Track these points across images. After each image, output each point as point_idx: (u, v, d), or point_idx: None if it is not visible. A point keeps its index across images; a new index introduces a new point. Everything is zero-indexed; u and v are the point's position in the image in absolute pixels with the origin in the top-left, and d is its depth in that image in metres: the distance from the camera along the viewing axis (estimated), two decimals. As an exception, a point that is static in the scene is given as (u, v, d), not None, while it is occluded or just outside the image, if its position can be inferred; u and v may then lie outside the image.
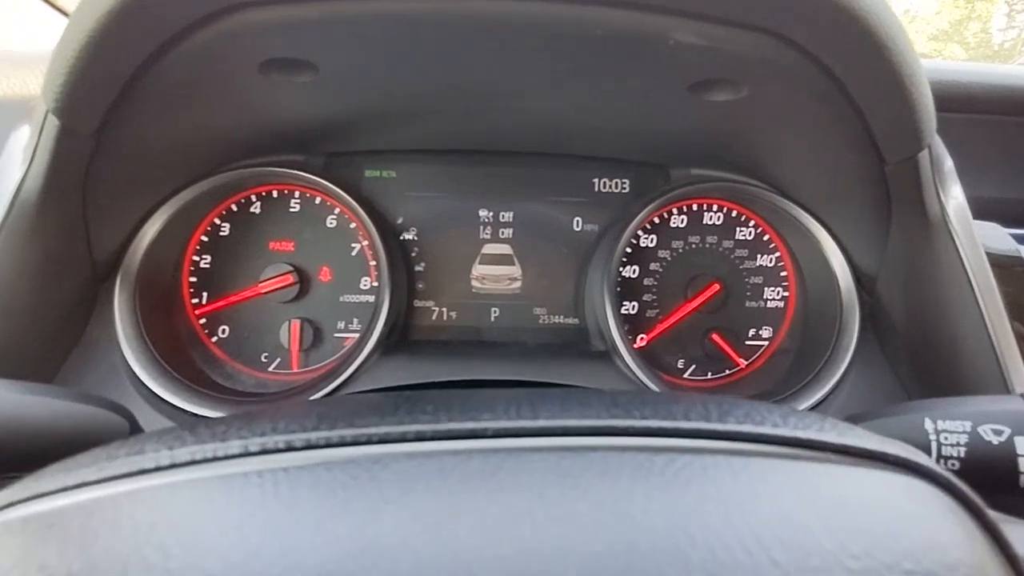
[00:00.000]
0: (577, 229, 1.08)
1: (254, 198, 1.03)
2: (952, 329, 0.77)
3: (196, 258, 1.01)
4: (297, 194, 1.03)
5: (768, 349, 1.08)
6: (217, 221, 1.02)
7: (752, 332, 1.08)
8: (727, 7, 0.56)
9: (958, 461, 0.56)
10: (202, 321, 1.01)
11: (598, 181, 1.08)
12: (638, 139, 0.98)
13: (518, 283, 1.08)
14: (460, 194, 1.07)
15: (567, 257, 1.08)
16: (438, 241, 1.07)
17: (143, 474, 0.29)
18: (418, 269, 1.07)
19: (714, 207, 1.08)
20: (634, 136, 0.97)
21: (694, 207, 1.08)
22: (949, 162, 0.75)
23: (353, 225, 1.04)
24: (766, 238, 1.08)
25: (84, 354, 0.85)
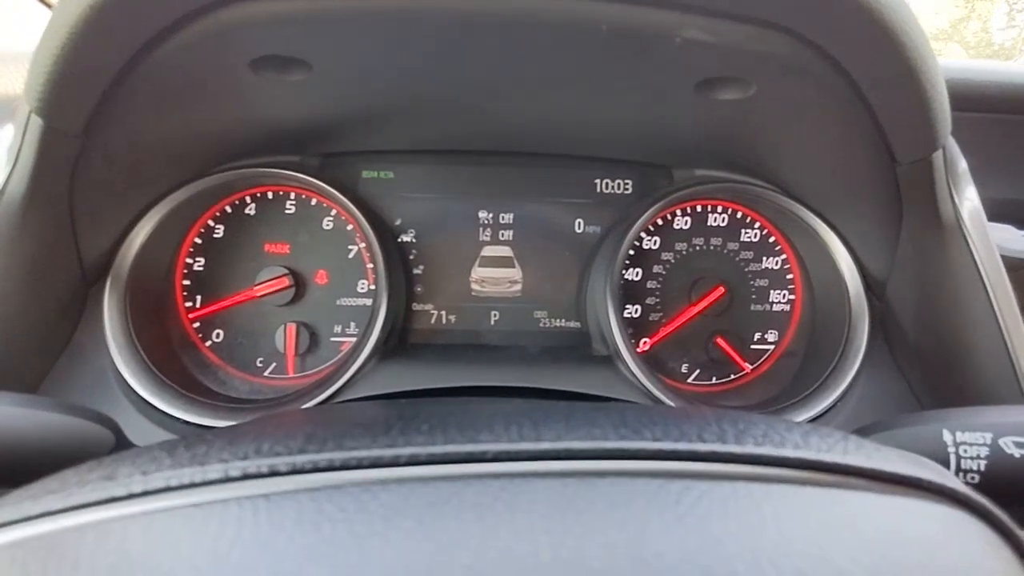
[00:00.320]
0: (579, 231, 1.06)
1: (249, 199, 1.00)
2: (966, 335, 0.75)
3: (189, 261, 0.99)
4: (293, 195, 1.01)
5: (774, 354, 1.06)
6: (211, 223, 0.99)
7: (757, 336, 1.06)
8: (740, 3, 0.54)
9: (978, 475, 0.54)
10: (195, 325, 0.99)
11: (600, 182, 1.06)
12: (642, 139, 0.96)
13: (518, 286, 1.06)
14: (459, 195, 1.05)
15: (568, 259, 1.06)
16: (437, 243, 1.05)
17: (113, 502, 0.27)
18: (416, 272, 1.05)
19: (719, 208, 1.05)
20: (638, 136, 0.95)
21: (698, 208, 1.05)
22: (963, 163, 0.73)
23: (350, 227, 1.01)
24: (772, 240, 1.05)
25: (72, 360, 0.83)
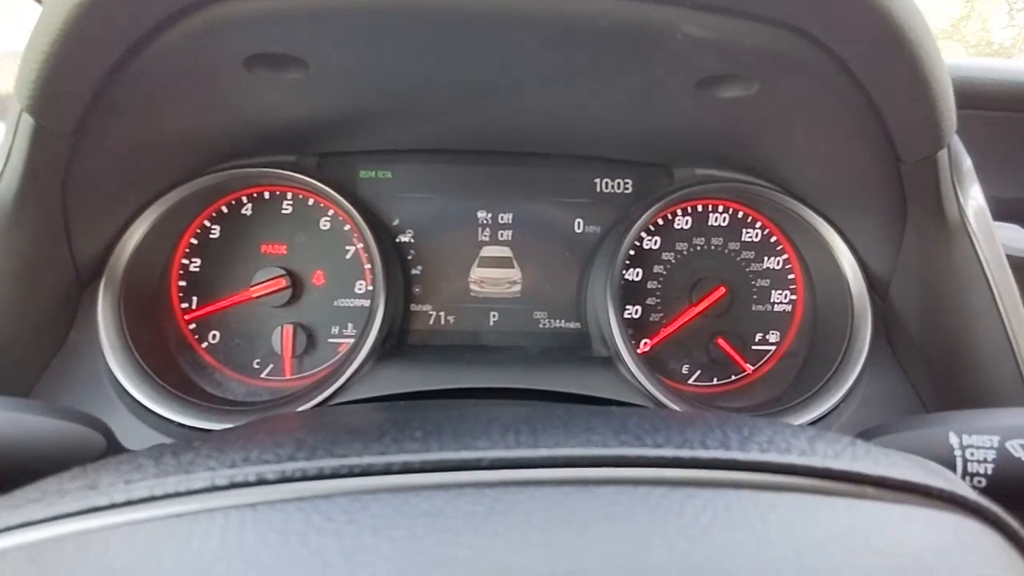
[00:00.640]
0: (578, 231, 1.05)
1: (245, 200, 0.99)
2: (970, 336, 0.74)
3: (185, 261, 0.98)
4: (290, 196, 1.00)
5: (775, 354, 1.05)
6: (207, 223, 0.98)
7: (759, 337, 1.05)
8: (749, 2, 0.53)
9: (985, 478, 0.53)
10: (191, 326, 0.98)
11: (600, 181, 1.05)
12: (642, 138, 0.95)
13: (518, 286, 1.05)
14: (458, 195, 1.04)
15: (568, 259, 1.05)
16: (435, 243, 1.04)
17: (94, 512, 0.26)
18: (415, 272, 1.04)
19: (720, 208, 1.04)
20: (638, 135, 0.94)
21: (699, 208, 1.04)
22: (968, 161, 0.72)
23: (347, 227, 1.00)
24: (773, 240, 1.04)
25: (66, 361, 0.82)
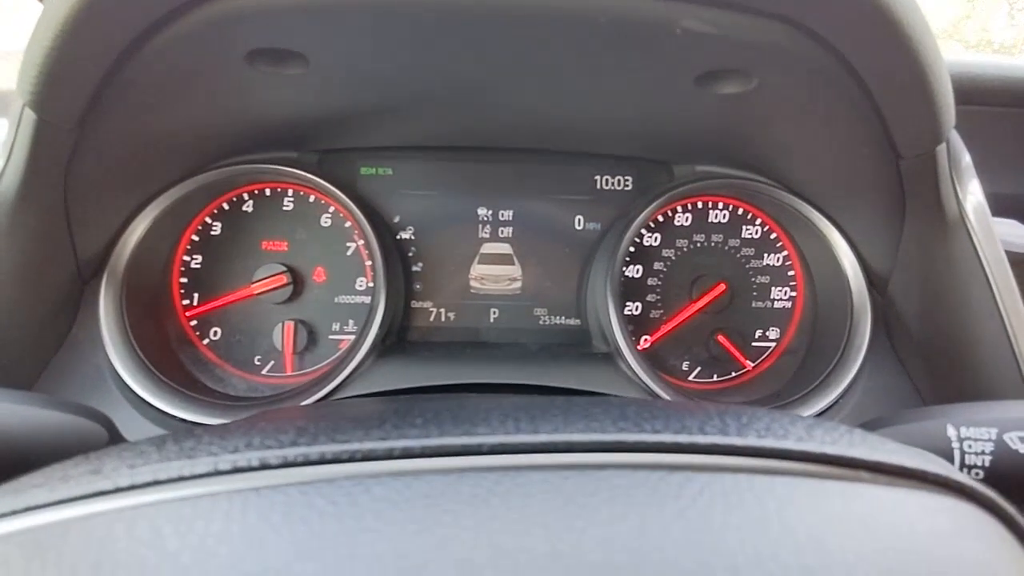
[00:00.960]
0: (579, 228, 1.05)
1: (246, 196, 1.00)
2: (969, 331, 0.74)
3: (187, 258, 0.98)
4: (290, 192, 1.00)
5: (775, 351, 1.05)
6: (208, 220, 0.99)
7: (759, 333, 1.05)
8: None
9: (982, 470, 0.53)
10: (193, 323, 0.99)
11: (600, 178, 1.05)
12: (641, 134, 0.95)
13: (518, 283, 1.05)
14: (458, 192, 1.04)
15: (568, 256, 1.05)
16: (436, 240, 1.04)
17: (98, 496, 0.26)
18: (415, 269, 1.04)
19: (719, 205, 1.05)
20: (637, 131, 0.94)
21: (699, 205, 1.05)
22: (967, 157, 0.73)
23: (348, 224, 1.01)
24: (773, 236, 1.04)
25: (68, 356, 0.82)
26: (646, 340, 1.04)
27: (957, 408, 0.56)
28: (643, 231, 1.04)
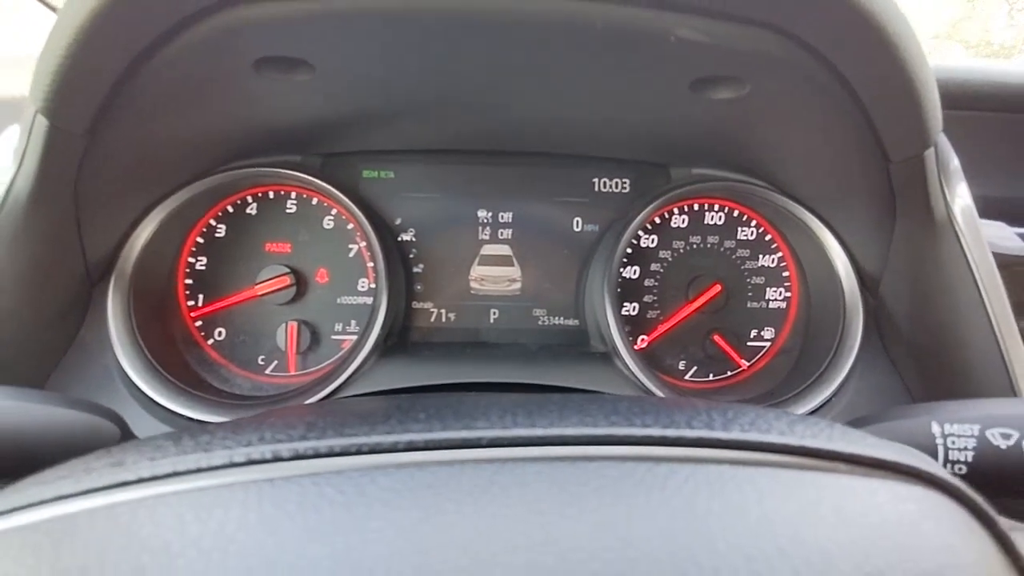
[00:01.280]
0: (577, 229, 1.07)
1: (250, 199, 1.01)
2: (958, 331, 0.76)
3: (192, 260, 1.00)
4: (294, 195, 1.02)
5: (770, 350, 1.07)
6: (213, 222, 1.01)
7: (754, 333, 1.07)
8: (735, 3, 0.55)
9: (965, 466, 0.55)
10: (198, 324, 1.00)
11: (598, 181, 1.07)
12: (639, 138, 0.97)
13: (517, 284, 1.07)
14: (459, 194, 1.06)
15: (567, 258, 1.07)
16: (437, 242, 1.06)
17: (122, 487, 0.28)
18: (416, 270, 1.06)
19: (715, 207, 1.06)
20: (635, 135, 0.96)
21: (695, 207, 1.06)
22: (955, 160, 0.74)
23: (350, 226, 1.02)
24: (768, 238, 1.06)
25: (77, 357, 0.84)
26: (643, 340, 1.06)
27: (941, 406, 0.58)
28: (640, 233, 1.06)
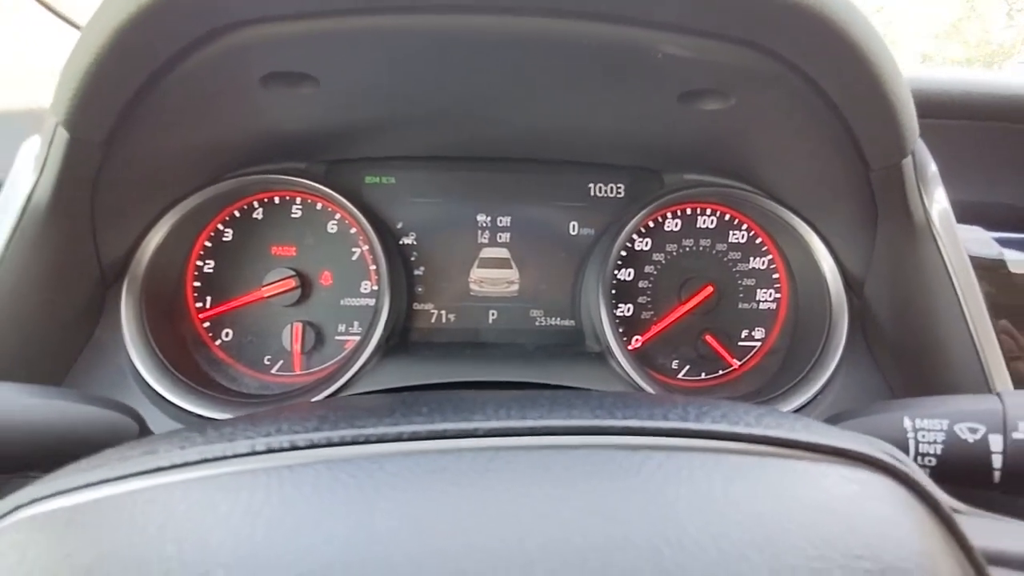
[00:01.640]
0: (573, 233, 1.10)
1: (256, 204, 1.05)
2: (936, 331, 0.79)
3: (200, 263, 1.04)
4: (299, 200, 1.06)
5: (760, 350, 1.10)
6: (220, 227, 1.04)
7: (745, 333, 1.10)
8: (704, 21, 0.59)
9: (935, 458, 0.58)
10: (206, 325, 1.04)
11: (593, 186, 1.10)
12: (632, 146, 1.01)
13: (515, 286, 1.10)
14: (458, 199, 1.09)
15: (563, 260, 1.10)
16: (437, 245, 1.09)
17: (158, 472, 0.32)
18: (417, 273, 1.09)
19: (707, 211, 1.10)
20: (628, 142, 0.99)
21: (688, 211, 1.10)
22: (933, 167, 0.77)
23: (353, 230, 1.06)
24: (758, 241, 1.10)
25: (92, 357, 0.88)
26: (637, 340, 1.09)
27: (914, 402, 0.61)
28: (634, 236, 1.09)
